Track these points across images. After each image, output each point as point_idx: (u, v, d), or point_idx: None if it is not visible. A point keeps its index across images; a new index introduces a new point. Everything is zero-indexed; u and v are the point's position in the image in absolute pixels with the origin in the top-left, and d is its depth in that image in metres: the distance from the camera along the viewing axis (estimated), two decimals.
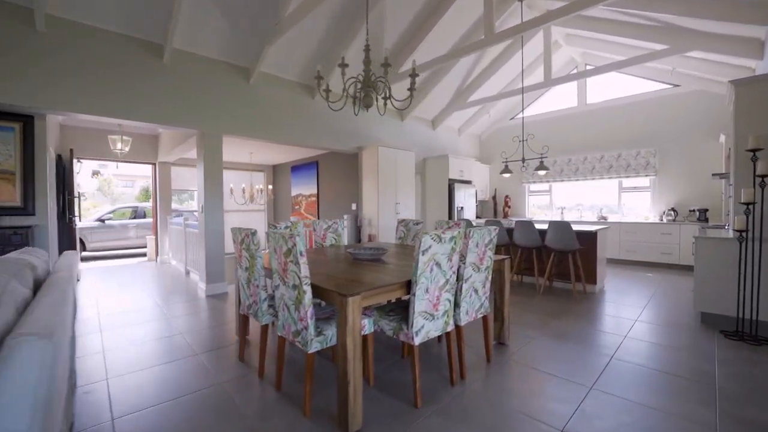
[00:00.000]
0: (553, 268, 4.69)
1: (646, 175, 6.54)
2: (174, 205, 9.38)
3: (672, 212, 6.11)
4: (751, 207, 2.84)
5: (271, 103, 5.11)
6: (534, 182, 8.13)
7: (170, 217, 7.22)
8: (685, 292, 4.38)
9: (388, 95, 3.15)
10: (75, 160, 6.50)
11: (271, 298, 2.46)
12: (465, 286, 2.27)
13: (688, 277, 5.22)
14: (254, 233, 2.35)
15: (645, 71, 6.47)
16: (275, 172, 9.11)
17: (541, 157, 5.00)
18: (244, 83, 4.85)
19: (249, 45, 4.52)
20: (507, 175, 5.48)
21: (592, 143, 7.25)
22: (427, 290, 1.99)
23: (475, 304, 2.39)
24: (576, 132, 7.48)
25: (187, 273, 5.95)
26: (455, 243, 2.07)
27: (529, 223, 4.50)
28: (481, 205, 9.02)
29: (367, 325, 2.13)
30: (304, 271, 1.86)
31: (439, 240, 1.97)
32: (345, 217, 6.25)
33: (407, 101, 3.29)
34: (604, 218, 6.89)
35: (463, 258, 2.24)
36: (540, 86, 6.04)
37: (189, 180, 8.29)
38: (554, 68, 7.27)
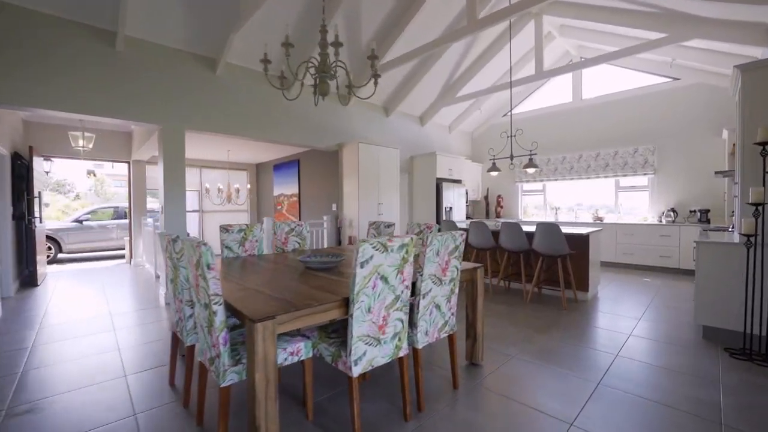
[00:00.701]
0: (542, 274, 4.34)
1: (644, 174, 6.18)
2: (156, 206, 9.05)
3: (671, 213, 5.75)
4: (760, 208, 2.48)
5: (240, 96, 4.76)
6: (527, 181, 7.77)
7: (144, 218, 6.88)
8: (686, 300, 4.02)
9: (350, 83, 2.79)
10: (42, 159, 6.17)
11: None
12: (423, 303, 1.92)
13: (688, 282, 4.86)
14: (175, 239, 2.00)
15: (643, 64, 6.12)
16: (258, 171, 8.77)
17: (530, 154, 4.64)
18: (210, 75, 4.51)
19: (213, 33, 4.17)
20: (495, 174, 5.13)
21: (588, 140, 6.89)
22: (369, 310, 1.64)
23: (438, 322, 2.04)
24: (571, 128, 7.12)
25: (157, 277, 5.61)
26: (407, 252, 1.72)
27: (516, 225, 4.14)
28: (472, 205, 8.66)
29: (304, 350, 1.78)
30: (213, 287, 1.51)
31: (385, 249, 1.62)
32: (324, 218, 5.91)
33: (371, 90, 2.94)
34: (600, 219, 6.53)
35: (420, 269, 1.89)
36: (531, 79, 5.69)
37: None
38: (549, 62, 6.93)
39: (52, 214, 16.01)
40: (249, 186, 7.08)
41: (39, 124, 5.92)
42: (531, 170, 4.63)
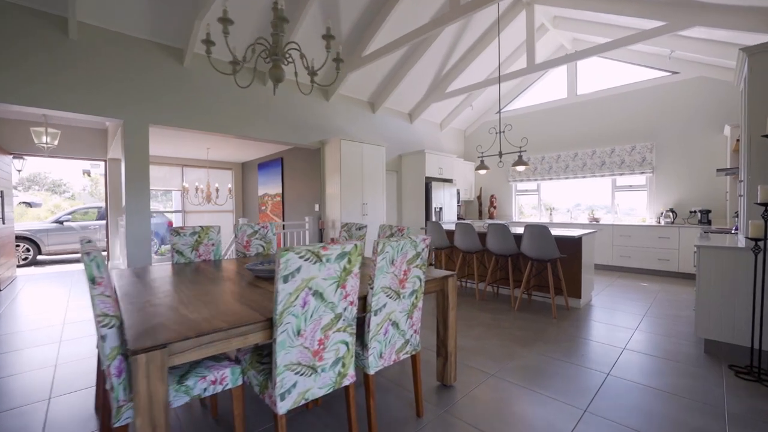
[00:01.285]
0: (531, 279, 4.05)
1: (642, 173, 5.89)
2: None
3: (670, 213, 5.45)
4: None
5: (211, 89, 4.48)
6: (521, 180, 7.48)
7: (121, 218, 6.59)
8: (685, 307, 3.73)
9: (311, 67, 2.50)
10: (12, 157, 5.89)
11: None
12: (376, 320, 1.63)
13: (688, 287, 4.57)
14: (89, 242, 1.70)
15: (640, 57, 5.83)
16: (244, 171, 8.48)
17: (520, 151, 4.35)
18: (177, 66, 4.22)
19: (176, 21, 3.89)
20: (483, 172, 4.84)
21: (583, 138, 6.60)
22: (299, 332, 1.35)
23: (396, 342, 1.75)
24: (566, 125, 6.83)
25: None
26: (349, 262, 1.43)
27: (502, 228, 3.85)
28: (465, 205, 8.38)
29: (230, 377, 1.49)
30: (101, 306, 1.23)
31: (318, 259, 1.33)
32: (306, 219, 5.63)
33: (334, 77, 2.65)
34: (596, 220, 6.24)
35: (371, 281, 1.60)
36: (522, 73, 5.40)
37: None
38: (543, 56, 6.65)
39: (42, 214, 15.75)
40: (230, 185, 6.80)
41: (2, 120, 5.63)
42: (521, 168, 4.34)
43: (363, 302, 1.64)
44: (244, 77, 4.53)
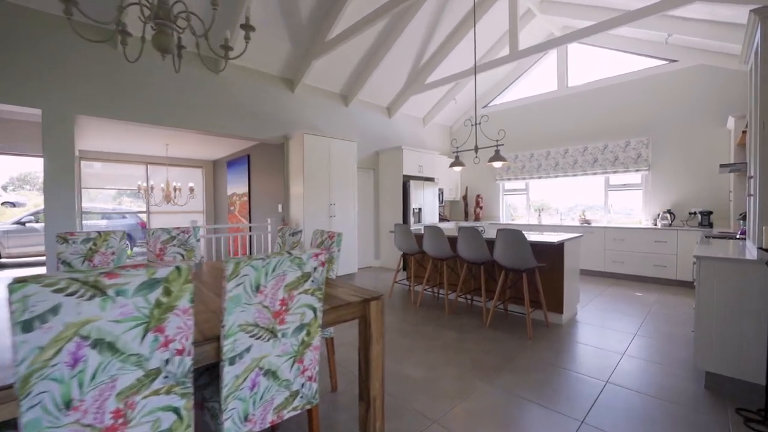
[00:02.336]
0: (507, 291, 3.56)
1: (637, 170, 5.40)
2: (103, 205, 8.31)
3: (668, 215, 4.96)
4: None
5: (154, 76, 3.99)
6: (508, 179, 6.99)
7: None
8: (684, 324, 3.24)
9: (200, 32, 2.02)
10: None
11: None
12: (234, 371, 1.14)
13: (687, 297, 4.07)
14: None
15: (635, 45, 5.34)
16: (215, 169, 8.00)
17: (497, 145, 3.86)
18: (110, 50, 3.74)
19: None
20: (458, 169, 4.35)
21: (574, 133, 6.11)
22: (69, 405, 0.86)
23: (274, 397, 1.26)
24: (556, 120, 6.34)
25: None
26: (167, 293, 0.94)
27: (473, 232, 3.36)
28: (450, 206, 7.89)
29: None
30: None
31: (97, 293, 0.84)
32: (269, 221, 5.14)
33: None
34: (588, 222, 5.75)
35: (222, 318, 1.11)
36: (504, 61, 4.91)
37: (113, 177, 7.18)
38: (530, 45, 6.15)
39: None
40: (193, 185, 6.32)
41: None
42: (498, 164, 3.85)
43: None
44: (151, 54, 4.04)
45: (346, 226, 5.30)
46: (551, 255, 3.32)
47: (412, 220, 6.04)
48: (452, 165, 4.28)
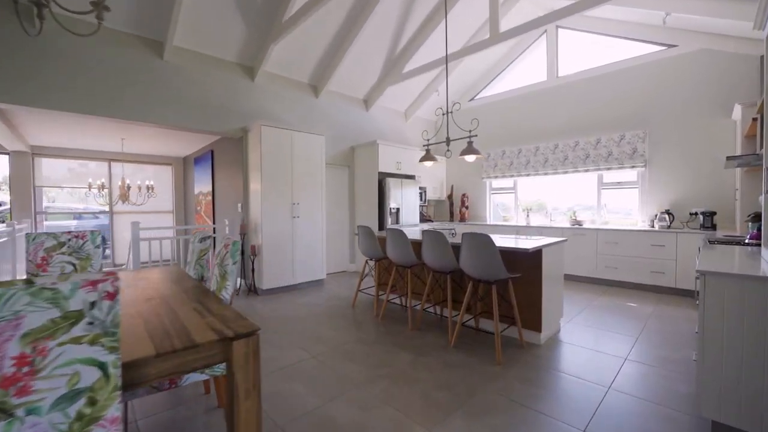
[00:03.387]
0: (477, 304, 3.08)
1: (633, 167, 4.92)
2: (64, 203, 7.81)
3: (666, 216, 4.48)
4: None
5: (85, 58, 3.52)
6: (495, 177, 6.51)
7: (18, 222, 5.64)
8: (684, 342, 2.76)
9: None
10: None
11: None
12: None
13: (688, 309, 3.59)
14: None
15: (631, 29, 4.86)
16: (185, 166, 7.52)
17: (470, 136, 3.38)
18: (30, 29, 3.26)
19: None
20: (429, 164, 3.88)
21: (565, 126, 5.63)
22: None
23: None
24: (545, 113, 5.86)
25: None
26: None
27: (437, 236, 2.89)
28: (434, 206, 7.41)
29: None
30: None
31: None
32: (226, 222, 4.67)
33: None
34: (579, 223, 5.27)
35: None
36: (485, 45, 4.44)
37: (68, 174, 6.70)
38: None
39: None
40: (150, 182, 5.85)
41: None
42: (470, 158, 3.38)
43: None
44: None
45: (311, 227, 4.82)
46: (527, 263, 2.84)
47: (389, 221, 5.57)
48: (422, 159, 3.81)
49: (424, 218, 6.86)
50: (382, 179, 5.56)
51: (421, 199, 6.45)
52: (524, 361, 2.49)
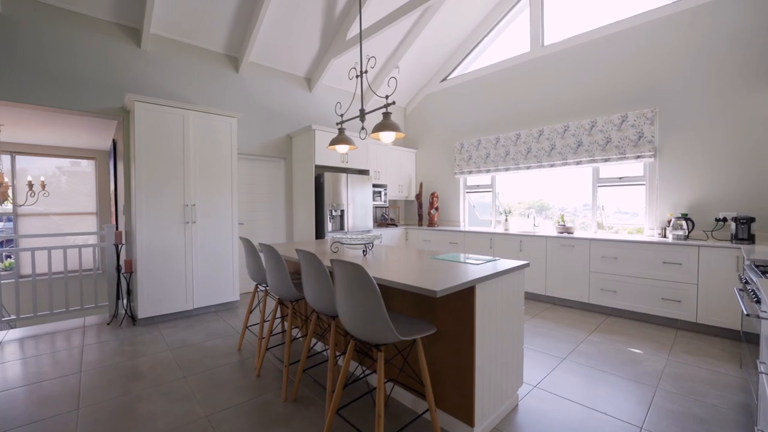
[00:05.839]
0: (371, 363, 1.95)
1: (639, 157, 3.74)
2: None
3: (683, 222, 3.30)
4: None
5: None
6: (470, 172, 5.35)
7: None
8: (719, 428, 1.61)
9: None
10: None
11: None
12: None
13: (722, 365, 2.42)
14: None
15: None
16: (109, 160, 6.47)
17: (386, 104, 2.25)
18: None
19: None
20: (344, 149, 2.76)
21: (551, 107, 4.46)
22: None
23: None
24: (527, 92, 4.70)
25: None
26: None
27: (312, 260, 1.77)
28: (404, 206, 6.28)
29: None
30: None
31: None
32: (105, 228, 3.60)
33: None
34: (568, 231, 4.10)
35: None
36: None
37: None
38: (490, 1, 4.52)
39: None
40: (31, 178, 4.83)
41: None
42: (388, 136, 2.26)
43: None
44: None
45: (216, 235, 3.72)
46: (452, 306, 1.71)
47: (329, 226, 4.45)
48: (332, 143, 2.69)
49: (386, 223, 5.73)
50: (320, 175, 4.44)
51: (379, 199, 5.33)
52: None
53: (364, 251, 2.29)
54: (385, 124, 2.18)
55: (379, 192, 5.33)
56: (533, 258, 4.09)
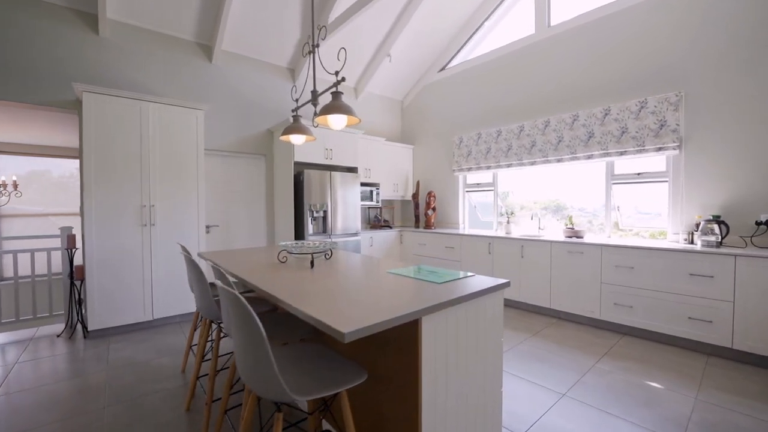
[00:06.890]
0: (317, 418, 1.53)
1: (660, 149, 3.19)
2: None
3: (715, 226, 2.75)
4: None
5: None
6: (469, 169, 4.87)
7: None
8: None
9: None
10: None
11: None
12: None
13: (762, 406, 1.89)
14: None
15: None
16: None
17: (337, 82, 1.84)
18: None
19: None
20: (299, 139, 2.36)
21: (558, 94, 3.94)
22: None
23: None
24: (532, 78, 4.19)
25: None
26: None
27: (195, 272, 1.37)
28: (400, 207, 5.85)
29: None
30: None
31: None
32: (60, 230, 3.33)
33: None
34: (577, 235, 3.58)
35: None
36: None
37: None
38: None
39: None
40: (15, 178, 4.66)
41: None
42: (339, 121, 1.85)
43: None
44: None
45: (178, 239, 3.39)
46: (395, 341, 1.27)
47: (310, 228, 4.06)
48: (285, 133, 2.29)
49: (378, 224, 5.31)
50: (299, 174, 4.06)
51: (372, 199, 4.92)
52: None
53: (311, 262, 1.89)
54: (334, 106, 1.76)
55: (371, 191, 4.91)
56: (537, 265, 3.60)
